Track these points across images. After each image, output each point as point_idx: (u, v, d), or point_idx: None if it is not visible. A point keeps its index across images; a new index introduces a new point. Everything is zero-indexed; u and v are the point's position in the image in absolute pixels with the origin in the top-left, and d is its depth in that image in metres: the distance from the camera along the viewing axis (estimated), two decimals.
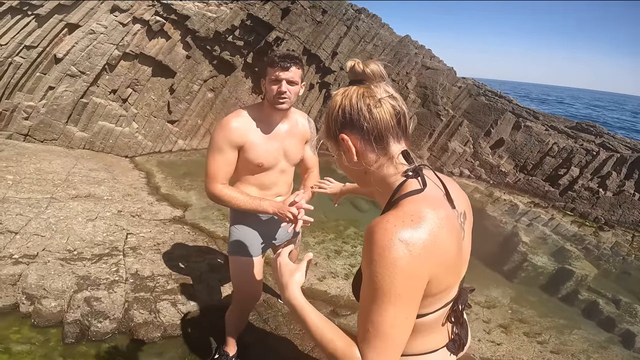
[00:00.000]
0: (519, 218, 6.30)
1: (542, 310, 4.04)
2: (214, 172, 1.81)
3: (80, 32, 6.35)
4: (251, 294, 2.04)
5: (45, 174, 4.92)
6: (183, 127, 7.57)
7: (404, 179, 0.90)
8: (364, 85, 0.92)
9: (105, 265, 3.07)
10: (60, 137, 6.48)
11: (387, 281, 0.74)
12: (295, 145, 1.97)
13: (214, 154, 1.82)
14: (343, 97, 0.92)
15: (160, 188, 5.53)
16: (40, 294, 2.60)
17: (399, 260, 0.74)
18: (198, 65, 7.40)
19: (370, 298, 0.77)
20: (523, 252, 5.06)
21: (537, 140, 8.17)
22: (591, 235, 6.07)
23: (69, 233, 3.45)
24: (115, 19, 6.53)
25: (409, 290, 0.76)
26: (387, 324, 0.75)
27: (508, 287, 4.44)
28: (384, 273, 0.74)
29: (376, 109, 0.89)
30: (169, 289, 2.91)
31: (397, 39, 8.89)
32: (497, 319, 3.67)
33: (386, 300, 0.75)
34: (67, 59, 6.33)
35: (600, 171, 7.29)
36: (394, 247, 0.74)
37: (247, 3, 7.34)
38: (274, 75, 1.73)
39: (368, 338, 0.77)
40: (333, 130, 0.94)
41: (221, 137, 1.79)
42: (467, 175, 8.15)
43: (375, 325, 0.76)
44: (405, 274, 0.74)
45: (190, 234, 4.02)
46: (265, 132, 1.86)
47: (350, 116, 0.90)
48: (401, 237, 0.75)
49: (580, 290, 4.45)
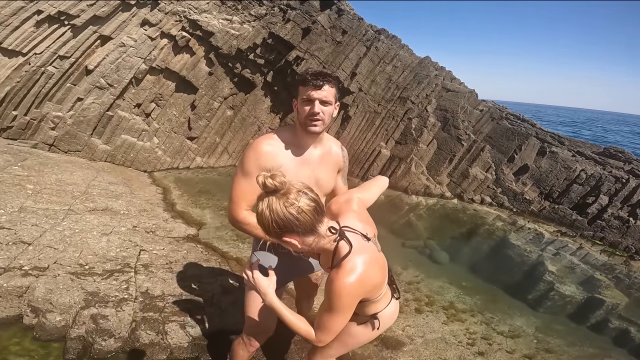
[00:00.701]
0: (544, 247, 6.00)
1: (569, 339, 3.79)
2: (238, 196, 1.69)
3: (111, 44, 6.55)
4: (264, 329, 1.90)
5: (66, 185, 4.96)
6: (202, 144, 7.63)
7: (334, 244, 1.35)
8: (280, 195, 1.20)
9: (116, 282, 2.98)
10: (84, 149, 6.61)
11: (336, 307, 1.33)
12: (328, 174, 1.82)
13: (240, 177, 1.68)
14: (271, 212, 1.20)
15: (176, 205, 5.52)
16: (46, 308, 2.53)
17: (344, 298, 1.32)
18: (219, 82, 7.50)
19: (326, 310, 1.36)
20: (549, 281, 4.80)
21: (564, 167, 7.89)
22: (622, 265, 5.74)
23: (83, 247, 3.42)
24: (145, 33, 6.73)
25: (347, 310, 1.35)
26: (331, 324, 1.37)
27: (533, 316, 4.18)
28: (336, 303, 1.32)
29: (300, 215, 1.21)
30: (178, 310, 2.81)
31: (417, 60, 8.85)
32: (521, 349, 3.44)
33: (334, 315, 1.35)
34: (98, 70, 6.51)
35: (630, 199, 6.95)
36: (344, 291, 1.30)
37: (269, 22, 7.47)
38: (306, 95, 1.59)
39: (320, 328, 1.40)
40: (275, 235, 1.26)
41: (252, 160, 1.65)
42: (489, 202, 7.88)
43: (324, 323, 1.38)
44: (346, 303, 1.33)
45: (203, 253, 3.93)
46: (297, 157, 1.72)
47: (284, 225, 1.21)
48: (346, 284, 1.30)
49: (611, 319, 4.18)
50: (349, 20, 7.98)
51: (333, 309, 1.33)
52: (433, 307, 3.94)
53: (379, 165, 8.22)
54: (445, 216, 7.23)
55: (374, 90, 8.26)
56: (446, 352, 3.20)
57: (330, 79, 1.62)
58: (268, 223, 1.22)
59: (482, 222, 7.02)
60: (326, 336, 1.40)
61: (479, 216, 7.26)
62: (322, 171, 1.79)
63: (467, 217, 7.22)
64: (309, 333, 1.42)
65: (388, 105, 8.32)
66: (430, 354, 3.14)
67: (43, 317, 2.47)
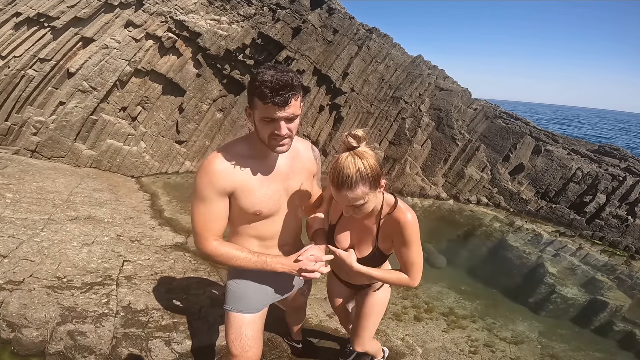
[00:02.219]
0: (543, 248, 5.89)
1: (574, 344, 3.70)
2: (202, 227, 1.46)
3: (94, 46, 6.33)
4: (247, 357, 1.65)
5: (47, 193, 4.75)
6: (191, 148, 7.42)
7: (382, 199, 1.54)
8: (362, 150, 1.36)
9: (96, 295, 2.82)
10: (68, 154, 6.37)
11: (414, 238, 1.51)
12: (301, 183, 1.59)
13: (198, 205, 1.45)
14: (369, 158, 1.34)
15: (164, 212, 5.32)
16: (22, 323, 2.40)
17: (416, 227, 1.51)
18: (208, 85, 7.31)
19: (411, 250, 1.52)
20: (551, 284, 4.68)
21: (560, 165, 7.81)
22: (623, 265, 5.66)
23: (62, 259, 3.24)
24: (129, 34, 6.52)
25: (419, 240, 1.54)
26: (419, 259, 1.54)
27: (536, 320, 4.07)
28: (412, 235, 1.50)
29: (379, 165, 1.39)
30: (163, 325, 2.63)
31: (410, 59, 8.73)
32: (526, 356, 3.34)
33: (414, 247, 1.52)
34: (80, 74, 6.29)
35: (628, 198, 6.87)
36: (414, 221, 1.49)
37: (258, 22, 7.30)
38: (267, 115, 1.29)
39: (410, 269, 1.55)
40: (378, 179, 1.37)
41: (205, 184, 1.42)
42: (485, 203, 7.77)
43: (412, 260, 1.54)
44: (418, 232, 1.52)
45: (191, 262, 3.73)
46: (261, 173, 1.48)
47: (378, 172, 1.36)
48: (412, 217, 1.50)
49: (615, 322, 4.11)
50: (340, 20, 7.83)
51: (412, 242, 1.50)
52: (433, 315, 3.79)
53: None
54: (442, 218, 7.09)
55: (367, 90, 8.12)
56: None
57: (296, 89, 1.29)
58: (368, 171, 1.32)
59: (479, 223, 6.90)
60: (418, 272, 1.56)
61: (476, 217, 7.14)
62: (294, 182, 1.57)
63: (464, 218, 7.09)
64: (402, 279, 1.57)
65: (381, 105, 8.18)
66: None
67: (19, 332, 2.37)
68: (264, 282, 1.69)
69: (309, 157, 1.64)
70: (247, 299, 1.67)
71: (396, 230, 1.52)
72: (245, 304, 1.67)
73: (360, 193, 1.33)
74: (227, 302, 1.70)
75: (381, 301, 1.91)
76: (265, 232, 1.58)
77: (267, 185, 1.49)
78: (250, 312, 1.67)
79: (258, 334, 1.69)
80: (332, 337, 2.99)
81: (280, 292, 1.78)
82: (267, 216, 1.53)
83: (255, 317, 1.69)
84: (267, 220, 1.55)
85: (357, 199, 1.35)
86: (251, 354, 1.65)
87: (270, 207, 1.52)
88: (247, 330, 1.65)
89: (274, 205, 1.53)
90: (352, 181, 1.31)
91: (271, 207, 1.52)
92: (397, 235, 1.54)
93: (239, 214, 1.51)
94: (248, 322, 1.66)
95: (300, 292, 1.95)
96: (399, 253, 1.57)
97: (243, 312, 1.66)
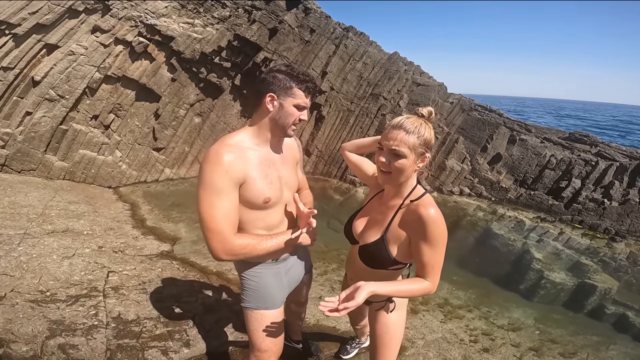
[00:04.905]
0: (527, 234, 6.03)
1: (571, 328, 3.77)
2: (222, 223, 1.37)
3: (59, 53, 6.02)
4: (276, 351, 1.73)
5: (20, 207, 4.54)
6: (170, 154, 7.20)
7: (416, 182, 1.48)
8: (427, 119, 1.40)
9: (83, 307, 2.71)
10: (39, 167, 6.05)
11: (436, 237, 1.35)
12: (291, 170, 1.67)
13: (213, 199, 1.35)
14: (431, 130, 1.39)
15: (146, 220, 5.15)
16: (9, 338, 2.29)
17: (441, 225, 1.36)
18: (184, 89, 7.11)
19: (433, 249, 1.36)
20: (538, 270, 4.78)
21: (534, 153, 8.04)
22: (605, 247, 5.85)
23: (42, 272, 3.12)
24: (96, 40, 6.25)
25: (444, 241, 1.39)
26: (440, 261, 1.40)
27: (529, 307, 4.14)
28: (435, 233, 1.35)
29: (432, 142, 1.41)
30: (157, 334, 2.55)
31: (386, 56, 8.80)
32: (525, 342, 3.37)
33: (437, 249, 1.37)
34: (46, 81, 5.97)
35: (602, 181, 7.14)
36: (437, 217, 1.35)
37: (233, 23, 7.17)
38: (302, 101, 1.46)
39: (429, 272, 1.39)
40: (426, 149, 1.38)
41: (220, 174, 1.35)
42: (468, 193, 7.91)
43: (432, 263, 1.38)
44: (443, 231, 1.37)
45: (180, 270, 3.63)
46: (262, 161, 1.50)
47: (430, 142, 1.38)
48: (436, 212, 1.36)
49: (606, 305, 4.22)
50: (317, 19, 7.80)
51: (435, 241, 1.35)
52: (428, 306, 3.79)
53: None
54: None
55: (346, 88, 8.12)
56: (450, 352, 3.04)
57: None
58: (428, 131, 1.36)
59: (463, 213, 7.01)
60: (438, 276, 1.41)
61: (460, 207, 7.25)
62: (285, 169, 1.63)
63: (449, 209, 7.18)
64: (422, 288, 1.40)
65: (361, 102, 8.20)
66: (434, 356, 2.96)
67: (8, 347, 2.25)
68: (279, 273, 1.71)
69: (293, 145, 1.72)
70: (270, 295, 1.68)
71: (416, 224, 1.37)
72: (270, 301, 1.68)
73: (410, 141, 1.33)
74: (247, 300, 1.68)
75: (397, 323, 1.68)
76: (272, 221, 1.59)
77: (271, 173, 1.52)
78: (275, 307, 1.70)
79: (282, 326, 1.72)
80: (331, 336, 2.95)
81: (294, 281, 1.82)
82: (274, 203, 1.55)
83: (278, 311, 1.72)
84: (272, 209, 1.57)
85: (404, 142, 1.33)
86: (278, 347, 1.73)
87: (277, 193, 1.55)
88: (273, 325, 1.68)
89: (279, 191, 1.56)
90: (412, 127, 1.34)
91: (277, 193, 1.55)
92: (415, 230, 1.38)
93: (246, 205, 1.48)
94: (274, 317, 1.68)
95: (305, 280, 1.98)
96: (418, 251, 1.39)
97: (269, 308, 1.68)
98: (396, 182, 1.42)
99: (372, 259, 1.50)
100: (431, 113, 1.40)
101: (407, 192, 1.45)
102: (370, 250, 1.48)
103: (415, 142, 1.34)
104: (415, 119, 1.37)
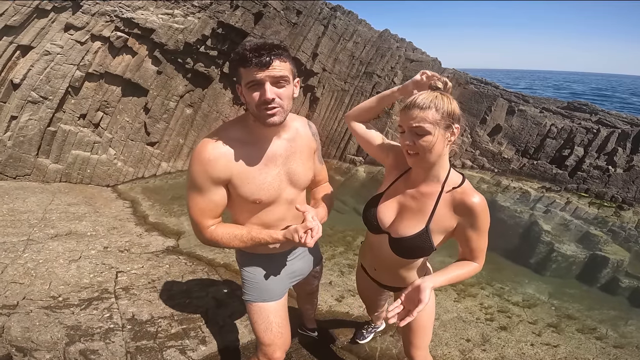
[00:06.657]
0: (533, 205, 5.93)
1: (587, 303, 3.70)
2: (198, 216, 1.38)
3: (34, 53, 5.77)
4: (280, 344, 1.63)
5: (20, 214, 4.46)
6: (164, 148, 7.01)
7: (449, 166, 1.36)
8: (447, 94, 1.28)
9: (96, 311, 2.66)
10: (34, 171, 5.88)
11: (484, 222, 1.30)
12: (302, 164, 1.49)
13: (193, 195, 1.36)
14: (451, 100, 1.26)
15: (148, 217, 5.07)
16: (30, 347, 2.25)
17: (486, 211, 1.31)
18: (171, 81, 6.87)
19: (482, 236, 1.33)
20: (548, 242, 4.69)
21: (534, 123, 7.90)
22: (613, 216, 5.75)
23: (51, 277, 3.08)
24: (71, 38, 5.98)
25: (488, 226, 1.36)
26: (486, 242, 1.36)
27: (542, 281, 4.07)
28: (482, 219, 1.29)
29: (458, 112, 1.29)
30: (173, 332, 2.52)
31: (377, 34, 8.55)
32: (543, 318, 3.29)
33: (483, 232, 1.32)
34: (25, 83, 5.73)
35: (604, 148, 7.02)
36: (483, 203, 1.29)
37: (216, 11, 6.88)
38: (251, 78, 1.21)
39: (479, 255, 1.36)
40: (451, 121, 1.25)
41: (199, 173, 1.32)
42: (470, 165, 7.78)
43: (481, 247, 1.35)
44: (488, 216, 1.32)
45: (187, 265, 3.56)
46: (258, 158, 1.38)
47: (455, 113, 1.26)
48: (481, 199, 1.30)
49: (620, 277, 4.15)
50: (302, 0, 7.51)
51: (484, 228, 1.31)
52: None
53: (355, 143, 7.91)
54: None
55: (338, 68, 7.89)
56: (467, 332, 2.95)
57: (280, 51, 1.22)
58: (449, 106, 1.23)
59: None
60: (484, 257, 1.38)
61: None
62: (295, 163, 1.47)
63: None
64: (472, 271, 1.37)
65: (355, 81, 7.99)
66: (451, 336, 2.87)
67: (31, 355, 2.22)
68: (277, 267, 1.66)
69: (307, 134, 1.55)
70: (268, 287, 1.63)
71: (464, 214, 1.30)
72: (268, 293, 1.63)
73: (430, 116, 1.20)
74: (246, 292, 1.64)
75: (428, 308, 1.59)
76: (268, 219, 1.48)
77: (266, 172, 1.40)
78: (274, 299, 1.64)
79: (285, 319, 1.67)
80: (346, 322, 2.87)
81: (297, 274, 1.76)
82: (268, 203, 1.43)
83: (279, 303, 1.65)
84: (268, 207, 1.45)
85: (425, 119, 1.20)
86: (282, 340, 1.64)
87: (270, 194, 1.42)
88: (275, 317, 1.62)
89: (274, 191, 1.43)
90: (426, 102, 1.22)
91: (271, 193, 1.42)
92: (464, 219, 1.31)
93: (238, 201, 1.43)
94: (274, 310, 1.63)
95: (313, 274, 1.90)
96: (466, 238, 1.34)
97: (267, 300, 1.62)
98: (427, 162, 1.29)
99: (412, 251, 1.40)
100: (446, 84, 1.30)
101: (443, 177, 1.33)
102: (412, 242, 1.36)
103: (435, 116, 1.21)
104: (429, 93, 1.25)
